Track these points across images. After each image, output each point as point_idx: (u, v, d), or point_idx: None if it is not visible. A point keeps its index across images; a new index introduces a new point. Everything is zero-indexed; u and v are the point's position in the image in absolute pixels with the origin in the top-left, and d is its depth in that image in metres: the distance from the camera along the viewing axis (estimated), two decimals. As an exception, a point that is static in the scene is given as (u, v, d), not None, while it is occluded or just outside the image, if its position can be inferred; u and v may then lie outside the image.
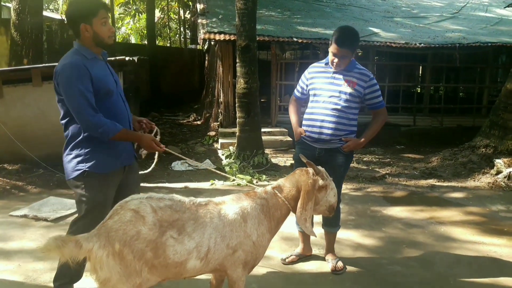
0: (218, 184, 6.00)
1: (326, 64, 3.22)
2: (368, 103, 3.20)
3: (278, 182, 2.52)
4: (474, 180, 6.33)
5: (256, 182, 6.09)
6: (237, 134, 7.25)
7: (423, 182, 6.26)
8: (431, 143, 9.71)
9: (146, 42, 18.57)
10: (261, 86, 7.28)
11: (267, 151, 7.51)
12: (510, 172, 6.13)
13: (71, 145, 2.49)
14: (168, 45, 22.68)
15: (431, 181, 6.31)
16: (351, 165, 7.50)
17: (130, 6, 22.44)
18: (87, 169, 2.45)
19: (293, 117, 3.42)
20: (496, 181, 6.13)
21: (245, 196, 2.40)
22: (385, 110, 3.26)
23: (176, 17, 22.80)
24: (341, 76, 3.14)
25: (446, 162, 7.16)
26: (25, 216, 4.42)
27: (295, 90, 3.48)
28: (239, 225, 2.23)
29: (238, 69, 6.97)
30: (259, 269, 3.22)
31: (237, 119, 7.17)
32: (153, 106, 13.16)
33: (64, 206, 4.76)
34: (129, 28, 25.19)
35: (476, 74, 12.32)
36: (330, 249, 3.46)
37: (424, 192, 5.77)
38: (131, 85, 10.60)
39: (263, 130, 7.98)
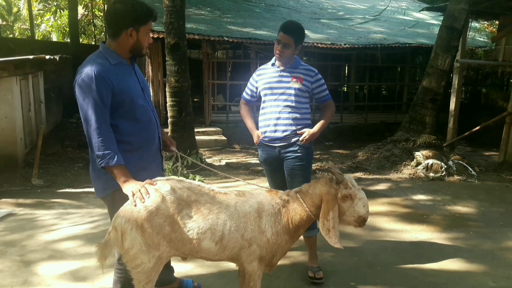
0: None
1: (273, 64, 3.27)
2: (316, 97, 3.27)
3: (303, 187, 2.49)
4: (397, 172, 6.75)
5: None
6: (169, 134, 7.10)
7: (350, 176, 6.54)
8: (357, 138, 10.22)
9: (69, 40, 17.58)
10: (193, 85, 7.20)
11: (201, 150, 7.45)
12: (428, 163, 6.61)
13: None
14: (93, 43, 21.58)
15: (358, 174, 6.63)
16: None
17: (50, 2, 21.10)
18: (116, 189, 2.27)
19: (247, 121, 3.42)
20: (416, 172, 6.58)
21: (265, 193, 2.44)
22: (332, 102, 3.33)
23: (101, 14, 21.79)
24: (288, 74, 3.19)
25: (371, 156, 7.56)
26: None
27: (244, 93, 3.45)
28: (253, 219, 2.28)
29: (168, 67, 6.83)
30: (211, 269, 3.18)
31: (169, 119, 7.02)
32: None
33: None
34: (49, 25, 23.68)
35: (396, 73, 13.14)
36: (312, 255, 3.33)
37: (352, 185, 6.03)
38: (53, 85, 10.02)
39: (197, 129, 7.90)
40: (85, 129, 2.22)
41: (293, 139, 3.17)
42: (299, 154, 3.16)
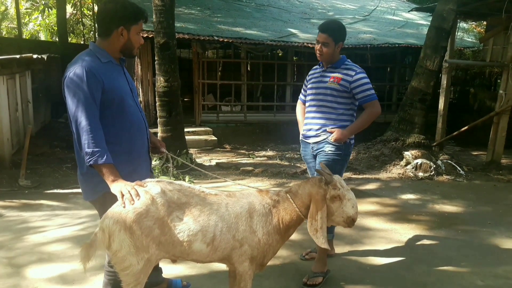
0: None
1: (319, 64, 3.36)
2: (356, 97, 3.18)
3: (292, 188, 2.49)
4: (386, 172, 6.79)
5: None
6: (158, 134, 7.05)
7: (339, 176, 6.56)
8: (348, 138, 10.19)
9: (57, 39, 17.38)
10: (184, 85, 7.16)
11: (191, 151, 7.41)
12: (417, 163, 6.66)
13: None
14: (81, 42, 21.34)
15: (348, 174, 6.65)
16: (276, 161, 7.71)
17: (38, 1, 20.85)
18: (106, 191, 2.21)
19: (298, 120, 3.55)
20: (406, 171, 6.63)
21: (256, 193, 2.43)
22: (376, 103, 3.17)
23: (90, 13, 21.59)
24: (328, 74, 3.24)
25: (361, 155, 7.59)
26: None
27: (300, 94, 3.57)
28: (245, 219, 2.28)
29: (157, 67, 6.79)
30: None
31: (158, 119, 6.98)
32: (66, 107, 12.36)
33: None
34: (37, 24, 23.40)
35: (386, 73, 13.21)
36: (319, 258, 3.22)
37: (342, 185, 6.05)
38: (41, 85, 9.90)
39: (187, 129, 7.86)
40: (73, 126, 2.18)
41: (324, 137, 3.21)
42: (328, 151, 3.17)
